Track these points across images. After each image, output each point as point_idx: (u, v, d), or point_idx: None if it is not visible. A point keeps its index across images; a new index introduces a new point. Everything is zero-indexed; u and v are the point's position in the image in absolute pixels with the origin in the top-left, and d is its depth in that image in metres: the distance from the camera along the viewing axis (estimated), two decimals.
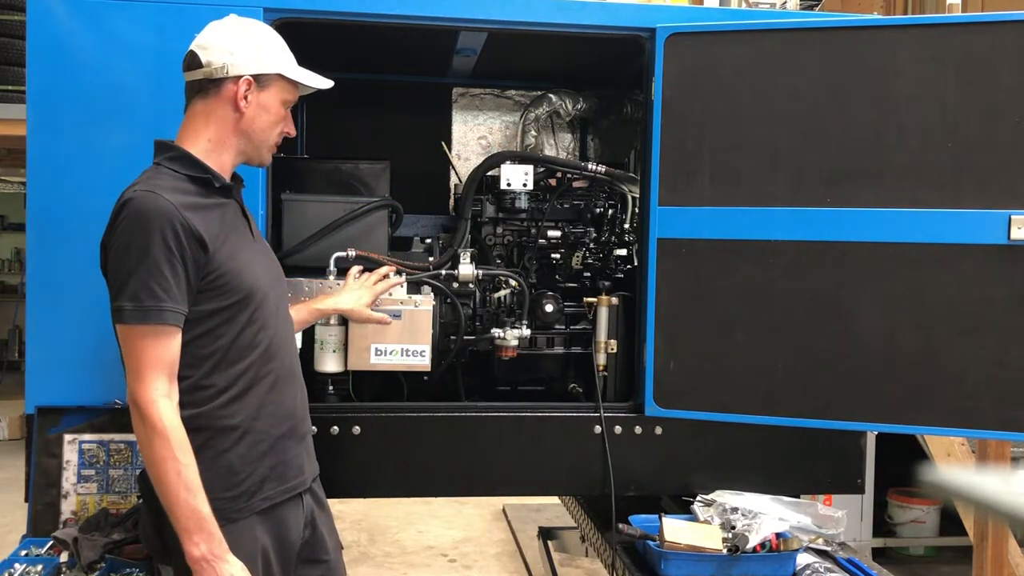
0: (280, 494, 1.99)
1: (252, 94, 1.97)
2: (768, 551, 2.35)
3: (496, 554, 5.51)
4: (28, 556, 2.28)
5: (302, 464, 2.07)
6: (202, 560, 1.79)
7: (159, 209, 1.81)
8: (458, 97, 3.36)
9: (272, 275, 2.07)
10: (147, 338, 1.81)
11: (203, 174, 1.94)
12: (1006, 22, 2.33)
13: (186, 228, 1.82)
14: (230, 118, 1.98)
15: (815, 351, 2.49)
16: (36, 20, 2.41)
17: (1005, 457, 4.12)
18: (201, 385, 1.90)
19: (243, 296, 1.92)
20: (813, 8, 5.68)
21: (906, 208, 2.38)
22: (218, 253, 1.88)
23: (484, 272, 2.79)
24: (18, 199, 10.67)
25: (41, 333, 2.44)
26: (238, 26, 2.01)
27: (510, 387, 3.01)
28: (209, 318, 1.89)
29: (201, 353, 1.89)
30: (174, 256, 1.81)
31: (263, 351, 1.97)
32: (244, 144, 2.02)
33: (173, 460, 1.78)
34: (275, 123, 2.03)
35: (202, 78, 1.97)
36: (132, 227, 1.82)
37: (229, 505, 1.90)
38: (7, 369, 8.44)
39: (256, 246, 2.05)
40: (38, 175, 2.43)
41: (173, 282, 1.81)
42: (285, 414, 2.02)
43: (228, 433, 1.91)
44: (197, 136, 1.98)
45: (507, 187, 2.75)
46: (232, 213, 2.00)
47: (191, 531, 1.79)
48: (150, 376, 1.80)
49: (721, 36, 2.54)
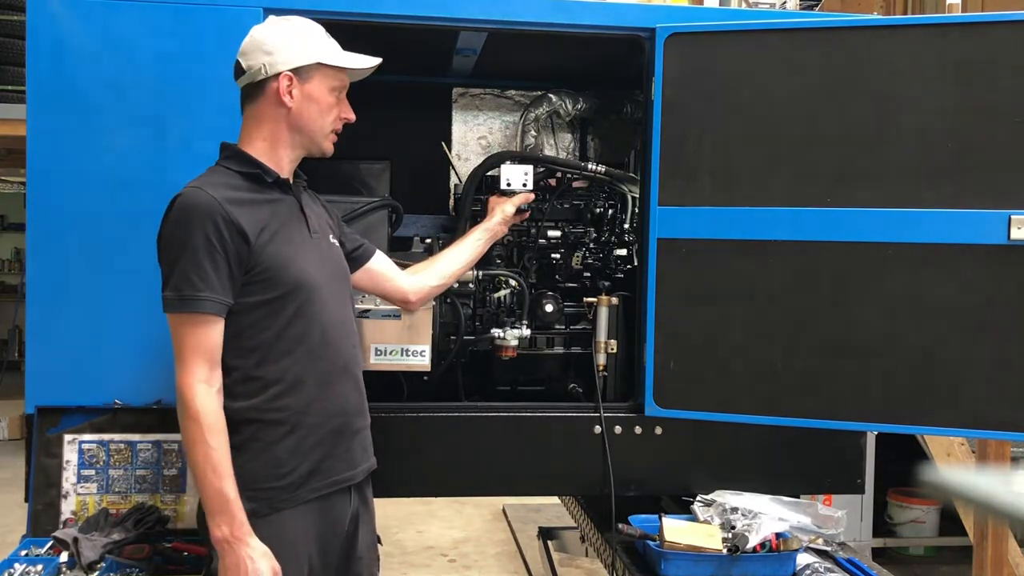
0: (326, 487, 2.02)
1: (295, 88, 2.02)
2: (768, 551, 2.35)
3: (496, 554, 5.52)
4: (28, 556, 2.28)
5: (353, 459, 2.09)
6: (223, 541, 1.84)
7: (202, 203, 1.89)
8: (458, 97, 3.36)
9: (329, 272, 2.09)
10: (187, 326, 1.88)
11: (253, 169, 2.01)
12: (1006, 22, 2.33)
13: (228, 221, 1.89)
14: (279, 115, 2.03)
15: (815, 351, 2.48)
16: (36, 20, 2.41)
17: (1005, 457, 4.13)
18: (251, 376, 1.95)
19: (289, 290, 1.97)
20: (813, 8, 5.68)
21: (906, 208, 2.38)
22: (265, 247, 1.94)
23: (484, 272, 2.79)
24: (18, 199, 10.67)
25: (41, 333, 2.44)
26: (274, 26, 2.06)
27: (510, 387, 3.01)
28: (255, 310, 1.95)
29: (248, 345, 1.95)
30: (215, 248, 1.88)
31: (312, 346, 2.00)
32: (299, 138, 2.07)
33: (203, 443, 1.84)
34: (326, 111, 2.07)
35: (247, 83, 2.03)
36: (177, 221, 1.90)
37: (275, 495, 1.95)
38: (7, 369, 8.43)
39: (312, 242, 2.07)
40: (38, 175, 2.43)
41: (213, 273, 1.88)
42: (336, 411, 2.04)
43: (277, 427, 1.96)
44: (252, 138, 2.05)
45: (507, 187, 2.75)
46: (287, 208, 2.05)
47: (215, 513, 1.85)
48: (189, 362, 1.87)
49: (721, 36, 2.54)
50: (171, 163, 2.42)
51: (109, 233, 2.43)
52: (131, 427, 2.46)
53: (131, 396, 2.46)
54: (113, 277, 2.43)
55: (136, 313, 2.40)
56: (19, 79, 5.48)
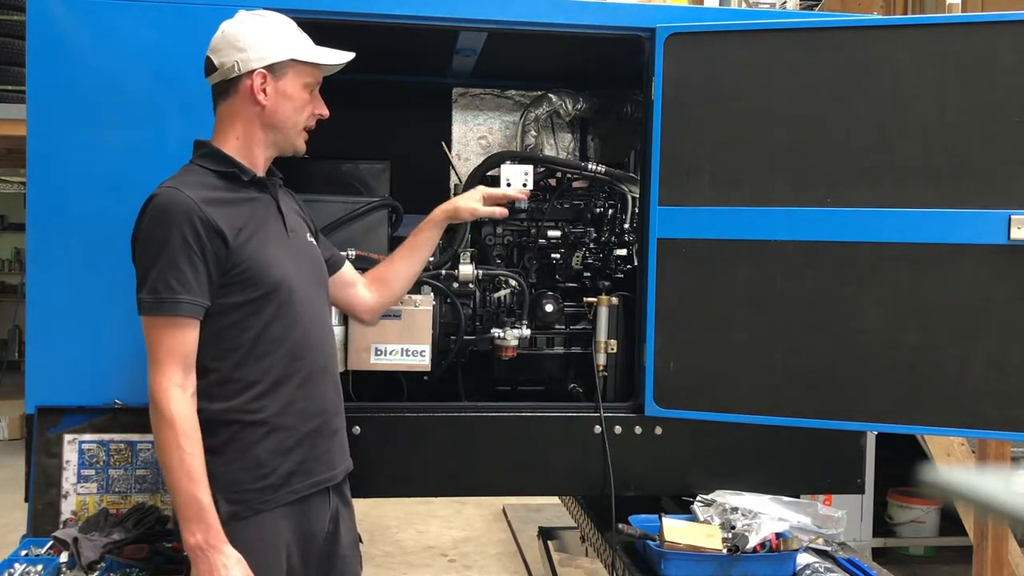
0: (306, 488, 2.01)
1: (269, 85, 1.99)
2: (768, 551, 2.35)
3: (496, 554, 5.51)
4: (28, 556, 2.28)
5: (332, 459, 2.08)
6: (197, 548, 1.82)
7: (179, 204, 1.86)
8: (458, 97, 3.35)
9: (307, 271, 2.07)
10: (163, 329, 1.86)
11: (229, 168, 1.98)
12: (1006, 22, 2.33)
13: (205, 222, 1.86)
14: (253, 113, 2.00)
15: (815, 351, 2.48)
16: (36, 20, 2.41)
17: (1005, 457, 4.12)
18: (230, 378, 1.93)
19: (268, 290, 1.94)
20: (813, 8, 5.69)
21: (906, 208, 2.38)
22: (243, 247, 1.91)
23: (484, 272, 2.79)
24: (18, 199, 10.68)
25: (41, 333, 2.44)
26: (244, 22, 2.02)
27: (510, 387, 3.01)
28: (234, 310, 1.92)
29: (227, 346, 1.92)
30: (192, 250, 1.85)
31: (292, 347, 1.98)
32: (273, 135, 2.04)
33: (177, 448, 1.81)
34: (300, 108, 2.05)
35: (219, 80, 2.00)
36: (153, 222, 1.88)
37: (255, 497, 1.93)
38: (7, 369, 8.44)
39: (289, 242, 2.05)
40: (38, 175, 2.43)
41: (191, 275, 1.85)
42: (315, 411, 2.03)
43: (256, 428, 1.94)
44: (226, 135, 2.02)
45: (507, 187, 2.75)
46: (264, 207, 2.03)
47: (189, 519, 1.82)
48: (164, 366, 1.85)
49: (721, 36, 2.54)
50: (171, 163, 2.40)
51: (109, 233, 2.42)
52: (131, 427, 2.45)
53: (131, 396, 2.46)
54: (113, 277, 2.43)
55: (136, 313, 2.39)
56: (19, 79, 5.49)
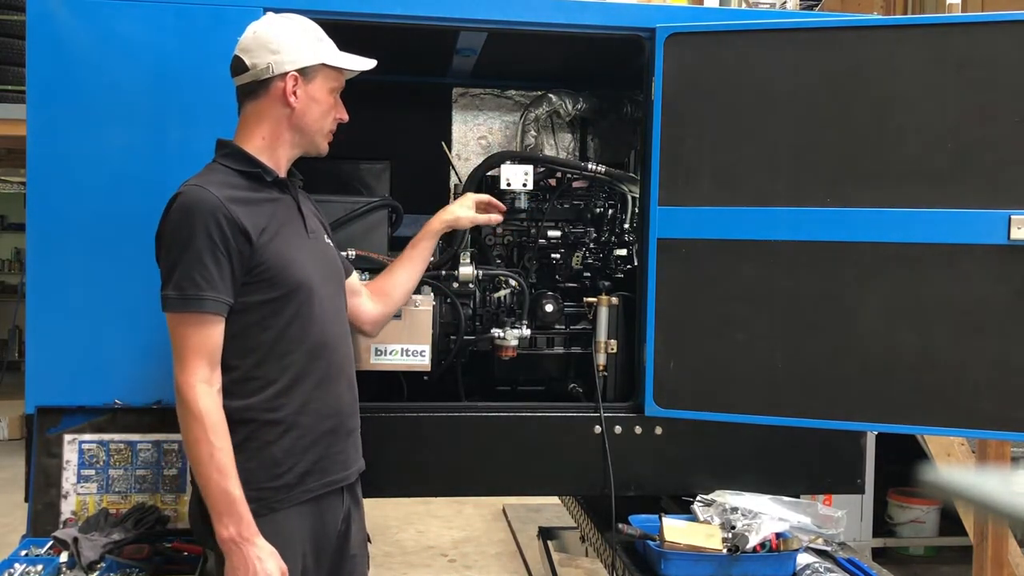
0: (321, 487, 2.03)
1: (300, 88, 2.01)
2: (768, 551, 2.35)
3: (496, 554, 5.51)
4: (28, 556, 2.28)
5: (346, 459, 2.10)
6: (230, 541, 1.84)
7: (204, 202, 1.88)
8: (458, 97, 3.36)
9: (326, 273, 2.09)
10: (189, 326, 1.87)
11: (254, 168, 2.00)
12: (1006, 22, 2.33)
13: (230, 220, 1.88)
14: (282, 115, 2.03)
15: (815, 351, 2.48)
16: (36, 20, 2.41)
17: (1005, 457, 4.12)
18: (250, 376, 1.94)
19: (289, 290, 1.96)
20: (813, 8, 5.68)
21: (906, 208, 2.38)
22: (266, 246, 1.93)
23: (484, 272, 2.79)
24: (18, 199, 10.67)
25: (41, 333, 2.44)
26: (276, 23, 2.04)
27: (510, 387, 3.01)
28: (256, 309, 1.94)
29: (248, 344, 1.94)
30: (217, 247, 1.87)
31: (311, 347, 2.00)
32: (298, 138, 2.07)
33: (207, 443, 1.84)
34: (327, 112, 2.08)
35: (250, 80, 2.01)
36: (179, 220, 1.89)
37: (271, 495, 1.95)
38: (7, 369, 8.44)
39: (310, 242, 2.08)
40: (38, 175, 2.43)
41: (216, 272, 1.87)
42: (331, 411, 2.05)
43: (273, 427, 1.96)
44: (252, 135, 2.03)
45: (507, 187, 2.75)
46: (285, 208, 2.05)
47: (221, 513, 1.84)
48: (190, 362, 1.86)
49: (721, 36, 2.54)
50: (170, 163, 2.41)
51: (109, 233, 2.43)
52: (131, 427, 2.46)
53: (131, 396, 2.46)
54: (113, 277, 2.43)
55: (136, 313, 2.40)
56: (19, 79, 5.49)
